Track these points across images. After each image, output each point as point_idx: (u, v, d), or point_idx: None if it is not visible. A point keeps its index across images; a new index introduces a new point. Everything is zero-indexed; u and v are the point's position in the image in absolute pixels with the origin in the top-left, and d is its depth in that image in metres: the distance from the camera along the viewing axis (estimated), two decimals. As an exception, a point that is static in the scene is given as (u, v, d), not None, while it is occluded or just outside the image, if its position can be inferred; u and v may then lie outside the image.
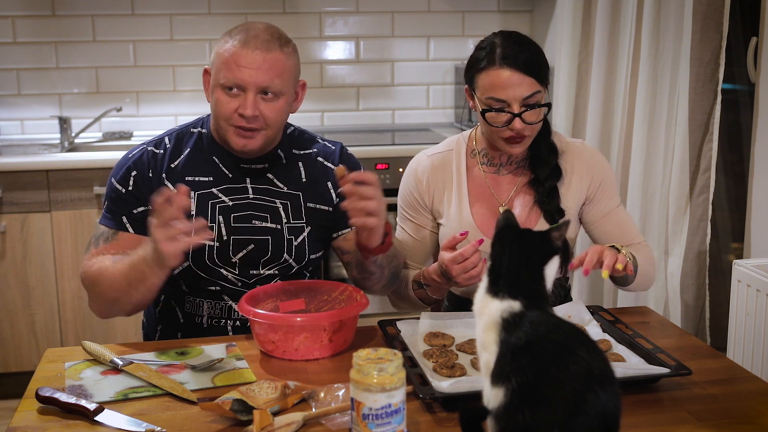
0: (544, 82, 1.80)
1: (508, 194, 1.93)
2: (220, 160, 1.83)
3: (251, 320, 1.60)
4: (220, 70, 1.72)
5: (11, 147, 3.55)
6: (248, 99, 1.70)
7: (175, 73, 3.75)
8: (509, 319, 1.12)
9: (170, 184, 1.80)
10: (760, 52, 2.59)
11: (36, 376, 1.52)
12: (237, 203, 1.82)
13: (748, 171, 2.71)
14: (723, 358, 1.62)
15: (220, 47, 1.74)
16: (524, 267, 1.17)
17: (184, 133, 1.87)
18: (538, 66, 1.79)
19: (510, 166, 1.94)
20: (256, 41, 1.71)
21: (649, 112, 2.87)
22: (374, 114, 3.93)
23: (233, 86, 1.71)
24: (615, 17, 3.02)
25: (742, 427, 1.33)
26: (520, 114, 1.77)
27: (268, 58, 1.70)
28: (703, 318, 2.78)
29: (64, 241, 3.17)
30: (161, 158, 1.83)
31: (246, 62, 1.69)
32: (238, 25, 1.77)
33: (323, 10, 3.81)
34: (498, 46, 1.80)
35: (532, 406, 1.02)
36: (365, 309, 1.65)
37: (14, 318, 3.21)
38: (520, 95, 1.76)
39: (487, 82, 1.80)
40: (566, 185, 1.92)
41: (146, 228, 1.75)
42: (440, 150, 1.99)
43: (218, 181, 1.82)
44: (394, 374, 1.19)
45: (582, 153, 1.95)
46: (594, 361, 1.04)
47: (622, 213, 1.97)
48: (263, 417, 1.29)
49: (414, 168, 1.99)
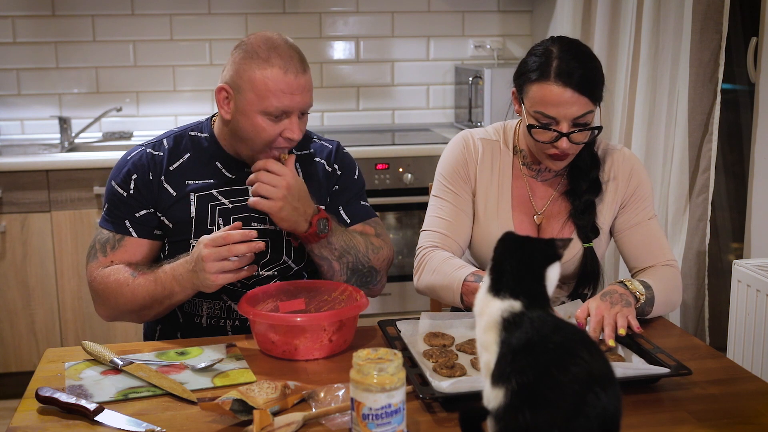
0: (597, 101, 1.73)
1: (544, 202, 1.88)
2: (222, 164, 1.84)
3: (251, 320, 1.60)
4: (265, 98, 1.69)
5: (11, 147, 3.56)
6: (294, 123, 1.73)
7: (175, 73, 3.75)
8: (509, 318, 1.11)
9: (169, 187, 1.80)
10: (760, 52, 2.59)
11: (36, 376, 1.52)
12: (236, 205, 1.82)
13: (748, 171, 2.71)
14: (723, 358, 1.62)
15: (252, 72, 1.69)
16: (526, 268, 1.17)
17: (182, 136, 1.87)
18: (594, 84, 1.70)
19: (548, 173, 1.88)
20: (292, 64, 1.70)
21: (649, 111, 2.87)
22: (374, 114, 3.93)
23: (281, 113, 1.71)
24: (615, 17, 3.02)
25: (742, 427, 1.33)
26: (568, 134, 1.71)
27: (306, 80, 1.73)
28: (703, 318, 2.78)
29: (64, 241, 3.17)
30: (160, 160, 1.82)
31: (291, 89, 1.70)
32: (258, 42, 1.72)
33: (323, 10, 3.81)
34: (555, 58, 1.70)
35: (532, 407, 1.02)
36: (365, 309, 1.65)
37: (14, 318, 3.21)
38: (572, 115, 1.69)
39: (539, 96, 1.71)
40: (600, 197, 1.85)
41: (149, 231, 1.80)
42: (489, 136, 1.91)
43: (219, 183, 1.83)
44: (394, 374, 1.19)
45: (620, 158, 1.88)
46: (595, 363, 1.04)
47: (654, 227, 1.87)
48: (263, 417, 1.28)
49: (463, 142, 1.90)
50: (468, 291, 1.72)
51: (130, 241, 1.79)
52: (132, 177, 1.80)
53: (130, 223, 1.80)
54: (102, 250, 1.79)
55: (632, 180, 1.87)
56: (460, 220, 1.88)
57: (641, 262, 1.86)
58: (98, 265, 1.79)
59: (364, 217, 1.93)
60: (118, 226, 1.80)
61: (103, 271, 1.77)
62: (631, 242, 1.87)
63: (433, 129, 3.83)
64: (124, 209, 1.80)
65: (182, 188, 1.81)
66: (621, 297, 1.63)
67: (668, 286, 1.79)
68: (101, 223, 1.83)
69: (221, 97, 1.76)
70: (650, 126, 2.87)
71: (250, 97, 1.71)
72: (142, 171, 1.81)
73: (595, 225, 1.85)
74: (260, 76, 1.69)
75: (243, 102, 1.72)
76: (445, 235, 1.86)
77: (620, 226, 1.89)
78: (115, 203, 1.81)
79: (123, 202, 1.80)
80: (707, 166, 2.71)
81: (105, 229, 1.82)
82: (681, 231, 2.78)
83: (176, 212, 1.80)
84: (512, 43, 3.95)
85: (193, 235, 1.80)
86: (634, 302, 1.66)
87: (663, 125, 2.83)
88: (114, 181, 1.82)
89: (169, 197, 1.81)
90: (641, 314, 1.74)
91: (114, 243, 1.79)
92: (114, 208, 1.81)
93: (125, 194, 1.80)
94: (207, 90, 3.79)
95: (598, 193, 1.85)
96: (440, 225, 1.88)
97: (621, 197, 1.87)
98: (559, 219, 1.88)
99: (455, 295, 1.75)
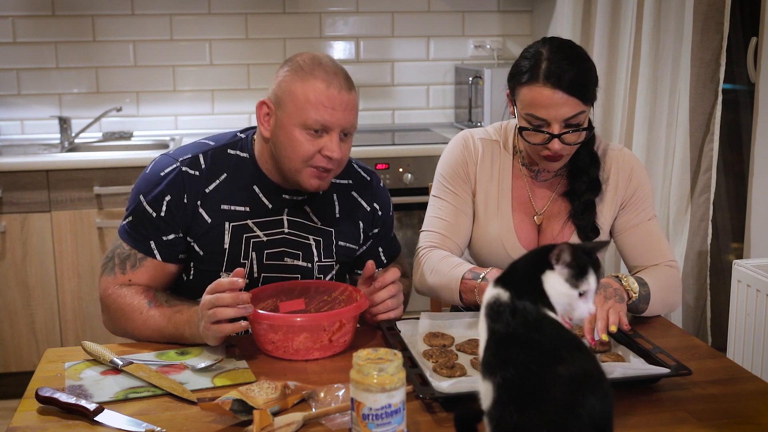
0: (589, 101, 1.71)
1: (544, 203, 1.88)
2: (260, 189, 1.76)
3: (251, 320, 1.60)
4: (304, 110, 1.63)
5: (11, 147, 3.56)
6: (334, 141, 1.66)
7: (175, 73, 3.75)
8: (493, 305, 1.12)
9: (204, 213, 1.73)
10: (760, 52, 2.59)
11: (36, 376, 1.52)
12: (271, 239, 1.76)
13: (748, 171, 2.71)
14: (723, 358, 1.62)
15: (294, 85, 1.65)
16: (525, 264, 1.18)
17: (220, 155, 1.77)
18: (585, 86, 1.69)
19: (548, 174, 1.87)
20: (338, 80, 1.65)
21: (650, 112, 2.87)
22: (374, 114, 3.93)
23: (321, 128, 1.65)
24: (615, 17, 3.02)
25: (742, 427, 1.33)
26: (559, 135, 1.70)
27: (351, 98, 1.67)
28: (705, 318, 2.78)
29: (64, 241, 3.17)
30: (197, 181, 1.73)
31: (333, 104, 1.64)
32: (304, 58, 1.68)
33: (323, 10, 3.81)
34: (544, 60, 1.69)
35: (518, 406, 1.02)
36: (365, 309, 1.65)
37: (14, 318, 3.21)
38: (562, 116, 1.69)
39: (529, 98, 1.70)
40: (600, 197, 1.85)
41: (175, 255, 1.74)
42: (489, 136, 1.91)
43: (255, 213, 1.75)
44: (394, 374, 1.19)
45: (619, 158, 1.88)
46: (578, 362, 1.04)
47: (653, 228, 1.87)
48: (263, 417, 1.28)
49: (463, 142, 1.90)
50: (466, 288, 1.72)
51: (152, 263, 1.72)
52: (165, 199, 1.71)
53: (156, 245, 1.72)
54: (121, 266, 1.72)
55: (632, 181, 1.87)
56: (459, 221, 1.88)
57: (641, 263, 1.86)
58: (115, 282, 1.71)
59: (395, 254, 1.95)
60: (141, 244, 1.72)
61: (119, 291, 1.70)
62: (631, 243, 1.87)
63: (433, 129, 3.83)
64: (151, 229, 1.72)
65: (218, 214, 1.73)
66: (615, 292, 1.64)
67: (665, 285, 1.79)
68: (123, 235, 1.74)
69: (262, 113, 1.70)
70: (651, 126, 2.87)
71: (290, 109, 1.65)
72: (176, 193, 1.71)
73: (595, 225, 1.85)
74: (301, 88, 1.64)
75: (283, 115, 1.66)
76: (443, 235, 1.86)
77: (620, 226, 1.88)
78: (141, 220, 1.72)
79: (151, 222, 1.71)
80: (708, 166, 2.71)
81: (126, 243, 1.73)
82: (682, 231, 2.78)
83: (210, 241, 1.73)
84: (512, 43, 3.95)
85: (225, 267, 1.74)
86: (626, 299, 1.67)
87: (664, 125, 2.83)
88: (144, 197, 1.72)
89: (203, 224, 1.73)
90: (635, 311, 1.74)
91: (135, 261, 1.71)
92: (140, 225, 1.72)
93: (155, 215, 1.71)
94: (207, 90, 3.79)
95: (598, 193, 1.85)
96: (439, 225, 1.88)
97: (621, 198, 1.87)
98: (559, 219, 1.88)
99: (454, 293, 1.74)
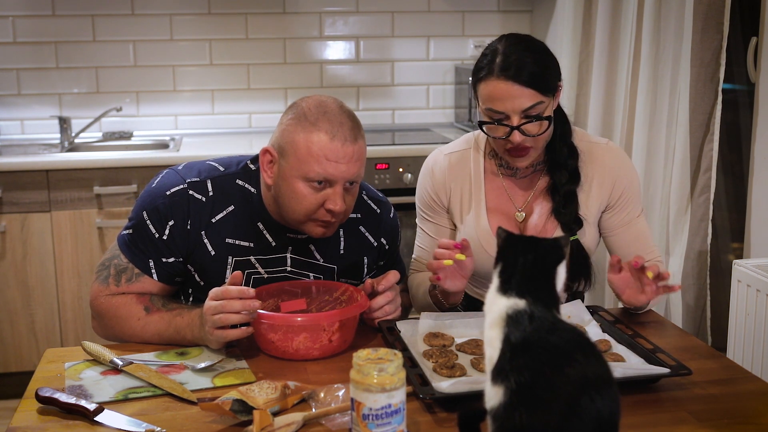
0: (548, 92, 1.71)
1: (524, 199, 1.87)
2: (265, 226, 1.74)
3: (251, 320, 1.60)
4: (306, 162, 1.60)
5: (11, 147, 3.56)
6: (337, 194, 1.63)
7: (175, 73, 3.75)
8: (513, 316, 1.12)
9: (209, 243, 1.71)
10: (760, 52, 2.59)
11: (36, 376, 1.52)
12: (272, 276, 1.76)
13: (748, 171, 2.71)
14: (723, 358, 1.62)
15: (296, 135, 1.62)
16: (535, 268, 1.17)
17: (226, 183, 1.74)
18: (540, 76, 1.69)
19: (527, 170, 1.87)
20: (342, 131, 1.61)
21: (650, 112, 2.87)
22: (374, 114, 3.93)
23: (323, 180, 1.62)
24: (615, 17, 3.02)
25: (742, 427, 1.33)
26: (518, 126, 1.70)
27: (355, 149, 1.63)
28: (704, 318, 2.78)
29: (64, 241, 3.17)
30: (202, 208, 1.71)
31: (336, 157, 1.60)
32: (309, 104, 1.65)
33: (323, 10, 3.81)
34: (499, 54, 1.70)
35: (528, 408, 1.02)
36: (365, 309, 1.65)
37: (14, 318, 3.21)
38: (519, 107, 1.69)
39: (486, 93, 1.72)
40: (586, 191, 1.84)
41: (171, 277, 1.72)
42: (458, 148, 1.92)
43: (258, 249, 1.74)
44: (394, 374, 1.19)
45: (605, 155, 1.87)
46: (590, 366, 1.04)
47: (642, 224, 1.89)
48: (263, 417, 1.28)
49: (431, 167, 1.92)
50: (438, 301, 1.80)
51: (148, 280, 1.71)
52: (168, 223, 1.69)
53: (154, 264, 1.70)
54: (116, 277, 1.71)
55: (620, 178, 1.86)
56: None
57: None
58: (107, 291, 1.70)
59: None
60: (140, 261, 1.70)
61: (113, 300, 1.69)
62: (621, 240, 1.88)
63: (433, 129, 3.83)
64: (152, 249, 1.70)
65: (222, 247, 1.72)
66: None
67: None
68: (122, 247, 1.72)
69: (265, 160, 1.68)
70: (651, 126, 2.87)
71: (292, 160, 1.62)
72: (180, 217, 1.69)
73: (578, 216, 1.84)
74: (304, 139, 1.61)
75: (286, 165, 1.64)
76: (424, 263, 1.94)
77: (610, 225, 1.88)
78: (142, 237, 1.70)
79: (152, 242, 1.70)
80: (708, 166, 2.71)
81: (125, 256, 1.71)
82: (682, 231, 2.78)
83: (211, 273, 1.73)
84: (512, 43, 3.95)
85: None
86: None
87: (664, 125, 2.83)
88: (147, 214, 1.70)
89: (205, 254, 1.72)
90: (641, 309, 1.78)
91: (131, 276, 1.70)
92: (140, 241, 1.70)
93: (157, 236, 1.69)
94: (207, 90, 3.79)
95: (578, 183, 1.84)
96: (421, 254, 1.97)
97: (608, 194, 1.86)
98: (541, 215, 1.87)
99: (435, 307, 1.82)
